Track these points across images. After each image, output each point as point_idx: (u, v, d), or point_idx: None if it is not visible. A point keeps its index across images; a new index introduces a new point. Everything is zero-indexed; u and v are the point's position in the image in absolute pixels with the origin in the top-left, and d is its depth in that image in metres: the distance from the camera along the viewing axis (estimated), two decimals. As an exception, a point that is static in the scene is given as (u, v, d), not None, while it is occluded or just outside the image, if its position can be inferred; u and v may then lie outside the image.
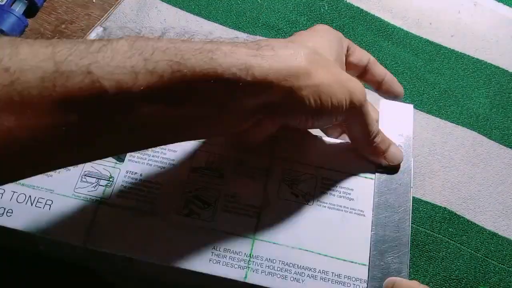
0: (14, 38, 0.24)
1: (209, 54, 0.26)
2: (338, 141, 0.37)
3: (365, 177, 0.35)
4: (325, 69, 0.30)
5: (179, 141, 0.30)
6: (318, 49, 0.31)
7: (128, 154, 0.34)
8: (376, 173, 0.35)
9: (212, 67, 0.26)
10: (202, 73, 0.26)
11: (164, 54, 0.25)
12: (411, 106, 0.38)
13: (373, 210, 0.33)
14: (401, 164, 0.35)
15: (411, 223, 0.35)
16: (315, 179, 0.34)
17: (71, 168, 0.33)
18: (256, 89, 0.27)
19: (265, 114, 0.29)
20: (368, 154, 0.35)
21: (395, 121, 0.37)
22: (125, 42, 0.25)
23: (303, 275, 0.31)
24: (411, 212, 0.33)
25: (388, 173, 0.35)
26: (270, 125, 0.31)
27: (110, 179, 0.33)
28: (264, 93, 0.28)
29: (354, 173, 0.35)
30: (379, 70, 0.39)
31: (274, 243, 0.32)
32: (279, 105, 0.29)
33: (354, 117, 0.32)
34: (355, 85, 0.31)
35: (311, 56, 0.30)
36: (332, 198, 0.34)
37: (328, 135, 0.39)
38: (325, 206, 0.33)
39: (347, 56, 0.37)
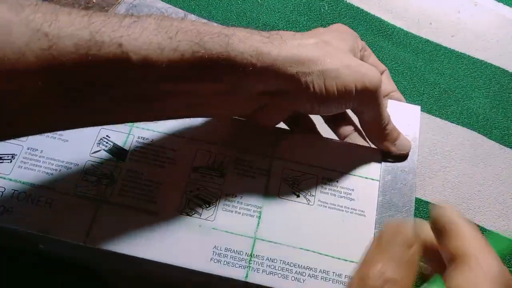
0: (54, 5, 0.26)
1: (226, 38, 0.28)
2: (339, 141, 0.37)
3: (366, 178, 0.35)
4: (334, 56, 0.31)
5: (190, 117, 0.33)
6: (331, 41, 0.32)
7: (129, 153, 0.34)
8: (381, 173, 0.35)
9: (227, 51, 0.28)
10: (218, 55, 0.28)
11: (186, 34, 0.27)
12: (418, 107, 0.38)
13: (376, 209, 0.33)
14: (406, 164, 0.35)
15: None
16: (316, 179, 0.34)
17: (72, 166, 0.33)
18: (264, 74, 0.29)
19: (272, 99, 0.31)
20: (379, 141, 0.35)
21: (402, 122, 0.36)
22: (152, 20, 0.27)
23: (304, 274, 0.31)
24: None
25: (392, 174, 0.35)
26: (278, 111, 0.32)
27: (111, 178, 0.33)
28: (271, 78, 0.29)
29: (355, 173, 0.35)
30: (388, 85, 0.39)
31: (275, 243, 0.32)
32: (285, 91, 0.30)
33: (369, 102, 0.32)
34: (367, 70, 0.31)
35: (319, 45, 0.31)
36: (333, 198, 0.34)
37: (338, 133, 0.38)
38: (326, 206, 0.33)
39: (361, 58, 0.37)
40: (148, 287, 0.40)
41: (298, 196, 0.34)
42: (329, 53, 0.31)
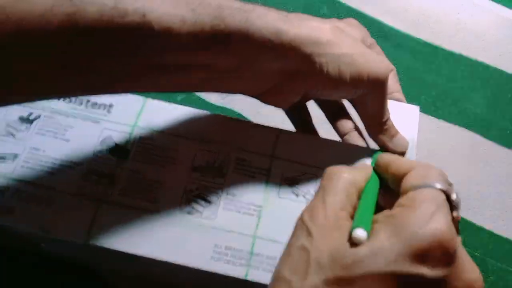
0: None
1: (245, 14, 0.28)
2: (338, 141, 0.37)
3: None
4: (349, 43, 0.31)
5: (205, 91, 0.33)
6: (345, 28, 0.33)
7: (130, 153, 0.34)
8: None
9: (246, 26, 0.28)
10: (236, 31, 0.28)
11: (207, 8, 0.28)
12: (417, 108, 0.38)
13: None
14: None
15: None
16: (315, 179, 0.34)
17: (73, 166, 0.34)
18: (281, 52, 0.29)
19: (285, 79, 0.31)
20: (377, 135, 0.35)
21: (401, 122, 0.36)
22: None
23: (304, 273, 0.31)
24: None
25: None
26: (290, 91, 0.33)
27: (112, 177, 0.33)
28: (287, 57, 0.30)
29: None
30: (393, 85, 0.39)
31: (275, 241, 0.32)
32: (299, 71, 0.31)
33: (376, 92, 0.33)
34: (381, 60, 0.32)
35: (335, 30, 0.31)
36: (333, 197, 0.34)
37: (338, 128, 0.39)
38: (325, 205, 0.33)
39: None
40: (148, 287, 0.40)
41: (297, 195, 0.34)
42: (344, 39, 0.31)
